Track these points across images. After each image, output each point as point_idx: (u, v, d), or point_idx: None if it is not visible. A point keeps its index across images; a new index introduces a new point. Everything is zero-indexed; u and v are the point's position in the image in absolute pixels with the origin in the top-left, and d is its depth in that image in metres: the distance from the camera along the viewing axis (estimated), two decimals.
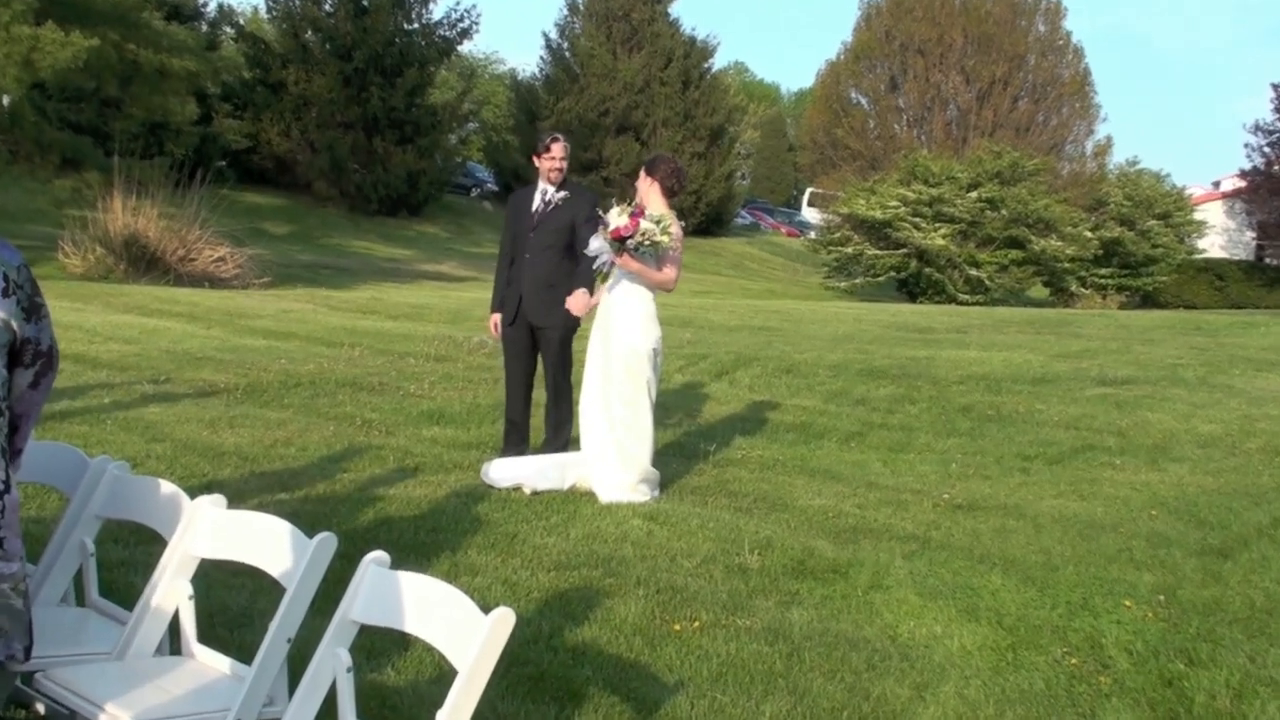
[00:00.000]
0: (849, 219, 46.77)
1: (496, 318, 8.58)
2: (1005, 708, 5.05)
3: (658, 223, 7.39)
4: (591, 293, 8.01)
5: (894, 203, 45.01)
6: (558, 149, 8.18)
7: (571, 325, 8.35)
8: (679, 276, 7.79)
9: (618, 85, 54.47)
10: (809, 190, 75.99)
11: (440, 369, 13.59)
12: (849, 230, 46.70)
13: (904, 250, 44.94)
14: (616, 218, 7.34)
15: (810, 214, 67.71)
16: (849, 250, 46.25)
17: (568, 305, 8.08)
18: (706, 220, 57.82)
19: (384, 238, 43.40)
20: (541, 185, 8.29)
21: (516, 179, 50.75)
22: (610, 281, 7.86)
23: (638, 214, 7.34)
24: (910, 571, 6.66)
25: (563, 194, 8.25)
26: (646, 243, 7.39)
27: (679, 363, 14.79)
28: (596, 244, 7.52)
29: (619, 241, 7.35)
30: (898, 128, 61.13)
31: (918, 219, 44.77)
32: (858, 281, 45.81)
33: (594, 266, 7.70)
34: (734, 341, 17.88)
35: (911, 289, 45.87)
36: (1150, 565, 7.09)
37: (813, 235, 55.50)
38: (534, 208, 8.26)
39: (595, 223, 7.63)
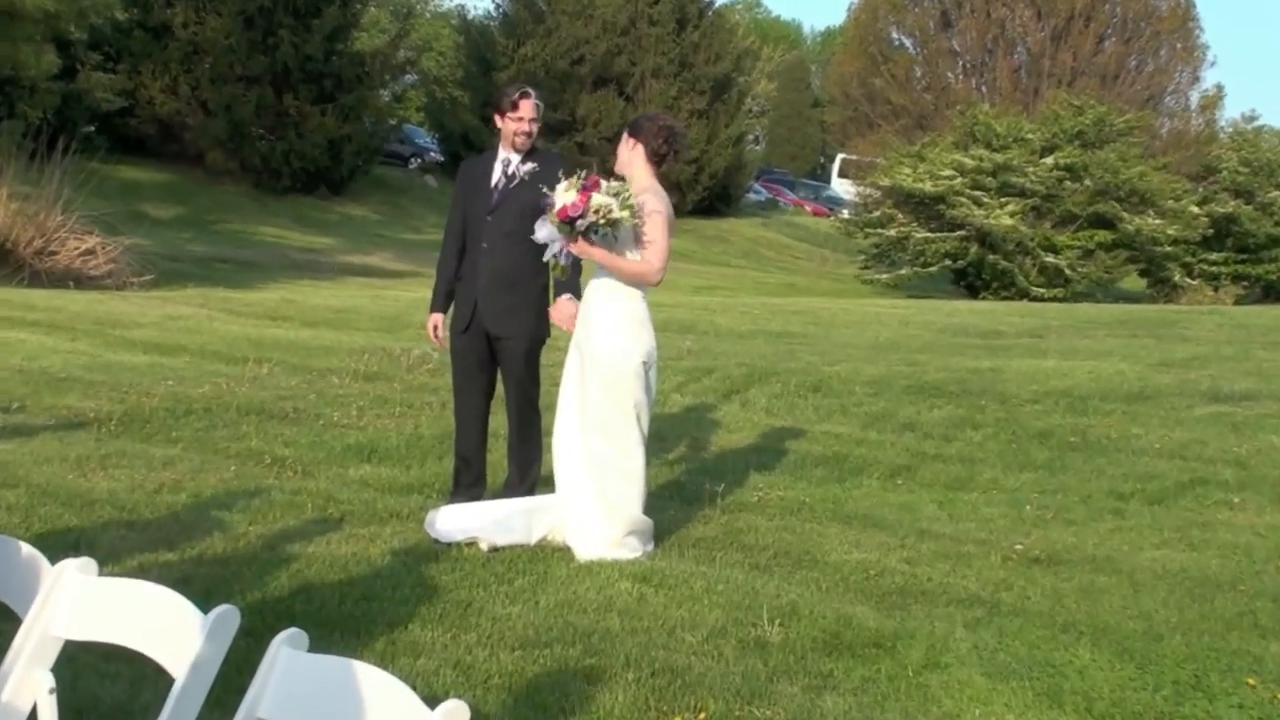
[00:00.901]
0: (891, 193, 47.02)
1: (438, 320, 8.64)
2: None
3: (616, 195, 7.51)
4: (579, 297, 8.14)
5: (948, 172, 45.13)
6: (527, 107, 8.22)
7: (540, 335, 8.42)
8: (664, 264, 7.74)
9: (595, 26, 54.63)
10: (840, 157, 76.46)
11: (372, 390, 13.64)
12: (891, 207, 46.95)
13: (961, 232, 45.06)
14: (563, 194, 7.45)
15: (842, 187, 67.90)
16: (891, 233, 46.46)
17: (552, 317, 8.20)
18: (710, 196, 57.83)
19: (298, 222, 43.49)
20: (503, 153, 8.33)
21: (467, 146, 50.45)
22: (592, 278, 7.89)
23: (590, 187, 7.44)
24: (974, 645, 6.65)
25: (530, 165, 8.27)
26: (602, 222, 7.49)
27: (677, 379, 14.79)
28: (544, 231, 7.64)
29: (567, 224, 7.47)
30: (951, 76, 61.33)
31: (978, 192, 44.92)
32: (903, 272, 46.01)
33: (544, 258, 7.82)
34: (747, 351, 17.87)
35: (971, 281, 45.97)
36: (1279, 633, 7.08)
37: (845, 214, 55.75)
38: (493, 182, 8.30)
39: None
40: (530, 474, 8.61)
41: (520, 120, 8.19)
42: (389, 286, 28.92)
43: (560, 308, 8.14)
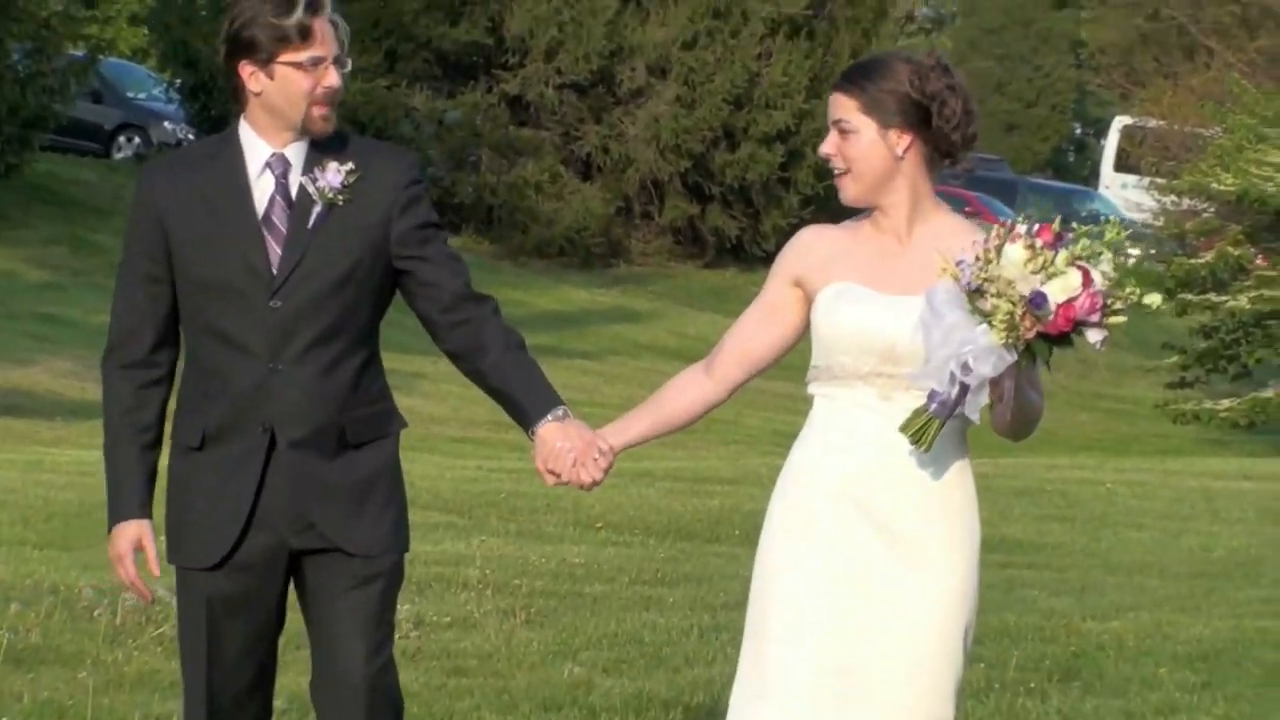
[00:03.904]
0: (1238, 210, 25.92)
1: (139, 535, 5.15)
2: None
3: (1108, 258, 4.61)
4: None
5: None
6: (324, 34, 5.00)
7: (407, 543, 5.33)
8: None
9: None
10: (1119, 124, 43.81)
11: (37, 688, 8.04)
12: (1241, 243, 25.90)
13: None
14: (1060, 280, 4.50)
15: (1124, 194, 39.68)
16: (1244, 301, 24.99)
17: (547, 461, 5.15)
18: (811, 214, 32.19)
19: None
20: (264, 147, 5.05)
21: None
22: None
23: (1055, 244, 4.51)
24: None
25: (343, 167, 5.07)
26: (1113, 320, 4.70)
27: None
28: (983, 349, 4.52)
29: (1048, 340, 4.53)
30: None
31: None
32: (1268, 395, 25.23)
33: (940, 410, 4.62)
34: None
35: None
36: None
37: (1133, 254, 29.06)
38: (260, 212, 5.06)
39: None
40: None
41: (316, 66, 4.94)
42: (68, 438, 17.95)
43: (556, 436, 5.04)
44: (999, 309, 4.51)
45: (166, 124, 36.85)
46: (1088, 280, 4.52)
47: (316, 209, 5.01)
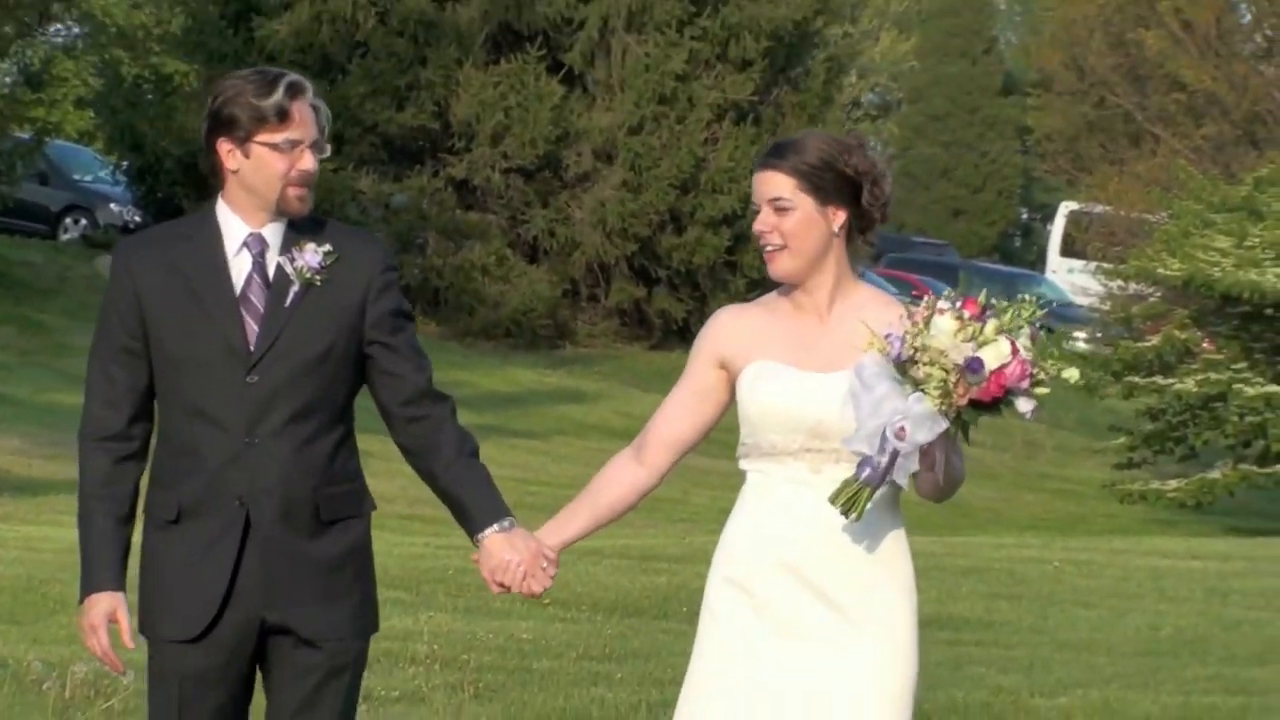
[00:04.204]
0: (1185, 294, 25.84)
1: (112, 607, 5.12)
2: None
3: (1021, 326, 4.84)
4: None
5: None
6: (303, 116, 5.04)
7: (372, 629, 5.32)
8: None
9: None
10: (1066, 210, 43.79)
11: None
12: (1187, 325, 25.80)
13: None
14: (991, 348, 4.71)
15: (1070, 278, 39.86)
16: (1190, 385, 24.93)
17: (491, 571, 5.15)
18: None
19: None
20: (240, 226, 5.09)
21: (199, 191, 29.66)
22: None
23: (982, 316, 4.75)
24: None
25: (320, 249, 5.12)
26: (1040, 390, 4.87)
27: None
28: (917, 415, 4.66)
29: (980, 408, 4.74)
30: None
31: None
32: (1214, 477, 25.14)
33: (871, 478, 4.72)
34: None
35: None
36: None
37: (1080, 340, 31.45)
38: (238, 289, 5.11)
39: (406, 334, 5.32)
40: None
41: (293, 149, 4.97)
42: (15, 514, 17.50)
43: (503, 549, 5.03)
44: (932, 376, 4.60)
45: (113, 205, 36.96)
46: (1015, 349, 4.70)
47: (294, 288, 5.01)
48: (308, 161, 4.93)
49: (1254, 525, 26.28)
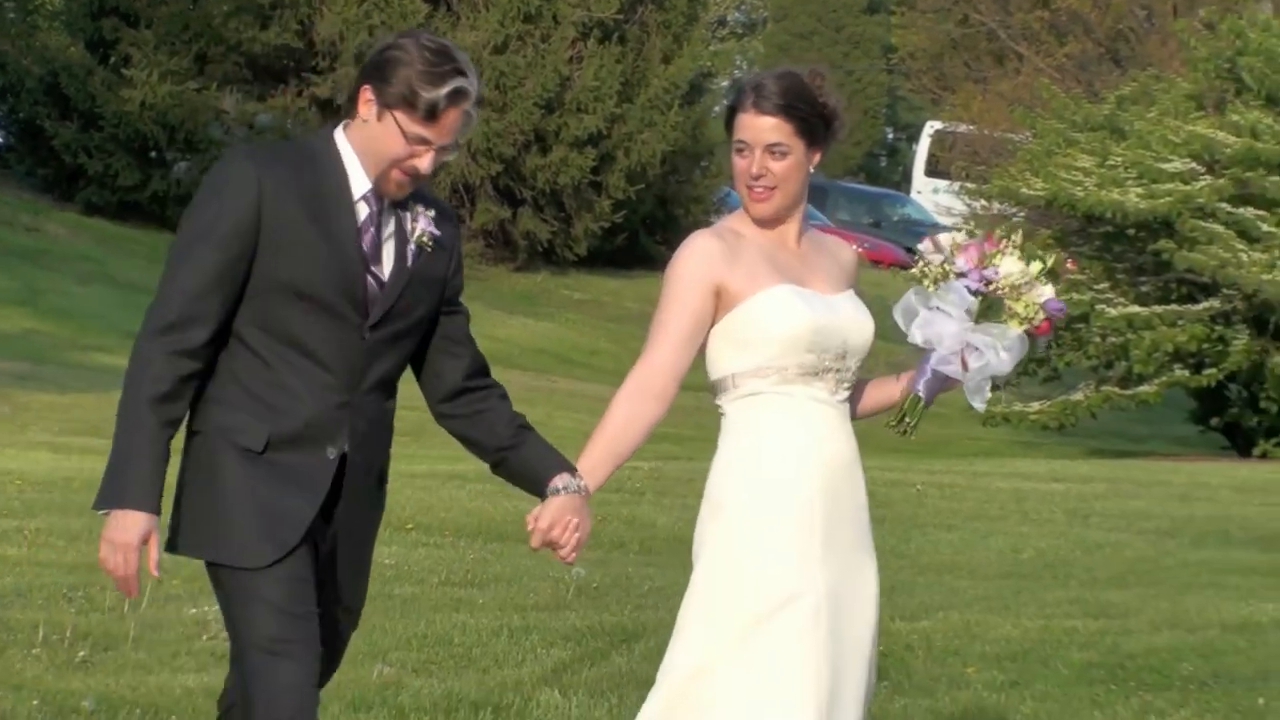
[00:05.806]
0: (1049, 214, 25.57)
1: (150, 530, 4.82)
2: None
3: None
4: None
5: (1180, 165, 23.82)
6: (453, 120, 4.86)
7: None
8: None
9: None
10: (931, 129, 43.18)
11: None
12: (1051, 245, 19.81)
13: (1212, 303, 23.84)
14: (1016, 266, 5.15)
15: (934, 198, 39.06)
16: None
17: (545, 530, 5.02)
18: (630, 226, 37.09)
19: None
20: (361, 180, 4.93)
21: (62, 109, 31.41)
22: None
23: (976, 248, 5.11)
24: None
25: (428, 214, 5.09)
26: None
27: None
28: (1014, 339, 5.14)
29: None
30: None
31: (1255, 212, 23.47)
32: (1076, 398, 24.70)
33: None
34: None
35: (1238, 418, 25.30)
36: None
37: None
38: (366, 242, 4.99)
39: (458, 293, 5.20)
40: None
41: (428, 150, 4.84)
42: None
43: (569, 508, 4.95)
44: (1016, 312, 5.08)
45: None
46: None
47: (410, 250, 4.93)
48: (426, 163, 4.77)
49: (1116, 447, 26.61)
